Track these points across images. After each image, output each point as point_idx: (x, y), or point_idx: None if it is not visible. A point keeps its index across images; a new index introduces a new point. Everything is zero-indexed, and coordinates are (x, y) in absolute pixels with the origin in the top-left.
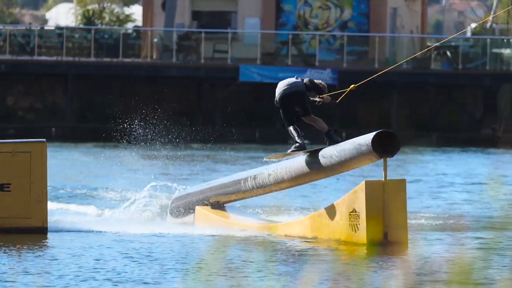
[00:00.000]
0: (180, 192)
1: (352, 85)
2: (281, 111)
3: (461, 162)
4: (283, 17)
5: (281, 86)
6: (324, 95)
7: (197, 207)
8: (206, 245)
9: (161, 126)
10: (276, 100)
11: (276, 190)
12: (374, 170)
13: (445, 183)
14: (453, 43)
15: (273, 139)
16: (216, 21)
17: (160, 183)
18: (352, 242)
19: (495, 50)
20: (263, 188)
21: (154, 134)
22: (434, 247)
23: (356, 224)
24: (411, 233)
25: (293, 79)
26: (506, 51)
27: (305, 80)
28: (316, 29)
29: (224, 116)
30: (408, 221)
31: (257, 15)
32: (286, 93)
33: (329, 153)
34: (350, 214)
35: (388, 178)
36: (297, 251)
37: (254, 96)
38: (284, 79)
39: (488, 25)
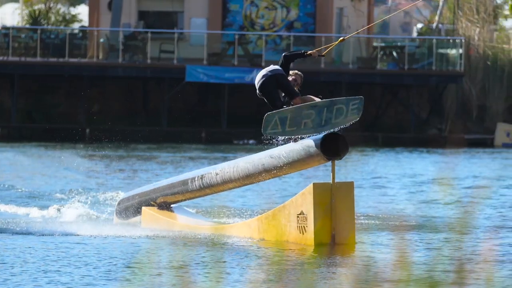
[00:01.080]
0: (126, 193)
1: (341, 38)
2: (266, 98)
3: (407, 162)
4: (230, 17)
5: (259, 77)
6: (311, 51)
7: (143, 208)
8: (153, 246)
9: (107, 126)
10: (259, 93)
11: (223, 190)
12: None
13: (392, 184)
14: (399, 44)
15: (219, 139)
16: (163, 21)
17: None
18: (300, 244)
19: (441, 51)
20: (211, 188)
21: (100, 134)
22: (380, 247)
23: (303, 226)
24: (358, 234)
25: (270, 66)
26: (452, 52)
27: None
28: (263, 29)
29: (170, 116)
30: (356, 222)
31: (204, 15)
32: (266, 78)
33: (277, 154)
34: (298, 217)
35: (336, 181)
36: (244, 252)
37: (200, 96)
38: (230, 79)
39: (434, 25)
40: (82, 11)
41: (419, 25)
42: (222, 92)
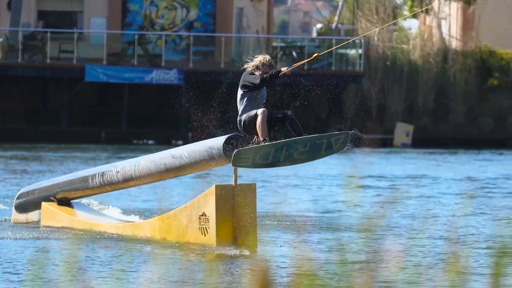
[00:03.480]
0: (26, 187)
1: (316, 53)
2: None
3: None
4: (129, 17)
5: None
6: (284, 69)
7: (43, 204)
8: (51, 245)
9: (6, 126)
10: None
11: (124, 188)
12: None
13: (294, 184)
14: (298, 44)
15: (119, 139)
16: (62, 21)
17: None
18: (201, 245)
19: (341, 51)
20: (111, 185)
21: None
22: (282, 249)
23: (205, 227)
24: (260, 235)
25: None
26: (351, 52)
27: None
28: (162, 29)
29: (70, 116)
30: (258, 223)
31: (103, 15)
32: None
33: (179, 154)
34: (199, 218)
35: (238, 182)
36: (144, 252)
37: (100, 96)
38: (130, 79)
39: (334, 25)
40: None
41: (319, 25)
42: (122, 92)
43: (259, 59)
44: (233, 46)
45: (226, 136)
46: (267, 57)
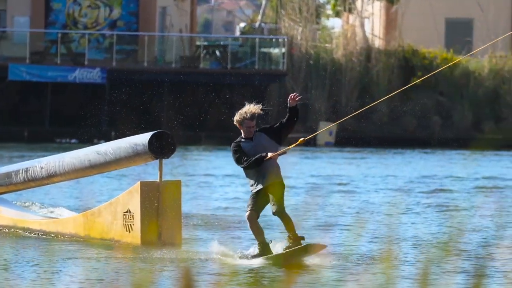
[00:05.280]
0: None
1: (301, 139)
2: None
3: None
4: (52, 15)
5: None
6: (270, 155)
7: None
8: None
9: None
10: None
11: (48, 183)
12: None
13: (219, 182)
14: (222, 43)
15: (42, 138)
16: None
17: None
18: (126, 242)
19: (264, 50)
20: (35, 181)
21: None
22: (206, 246)
23: (130, 224)
24: (185, 233)
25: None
26: (274, 51)
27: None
28: (86, 28)
29: None
30: (183, 221)
31: (26, 13)
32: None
33: (104, 150)
34: (124, 214)
35: (163, 179)
36: (68, 249)
37: (23, 95)
38: (53, 78)
39: (257, 24)
40: None
41: (242, 24)
42: (45, 91)
43: (242, 113)
44: (156, 45)
45: (152, 132)
46: (250, 109)
